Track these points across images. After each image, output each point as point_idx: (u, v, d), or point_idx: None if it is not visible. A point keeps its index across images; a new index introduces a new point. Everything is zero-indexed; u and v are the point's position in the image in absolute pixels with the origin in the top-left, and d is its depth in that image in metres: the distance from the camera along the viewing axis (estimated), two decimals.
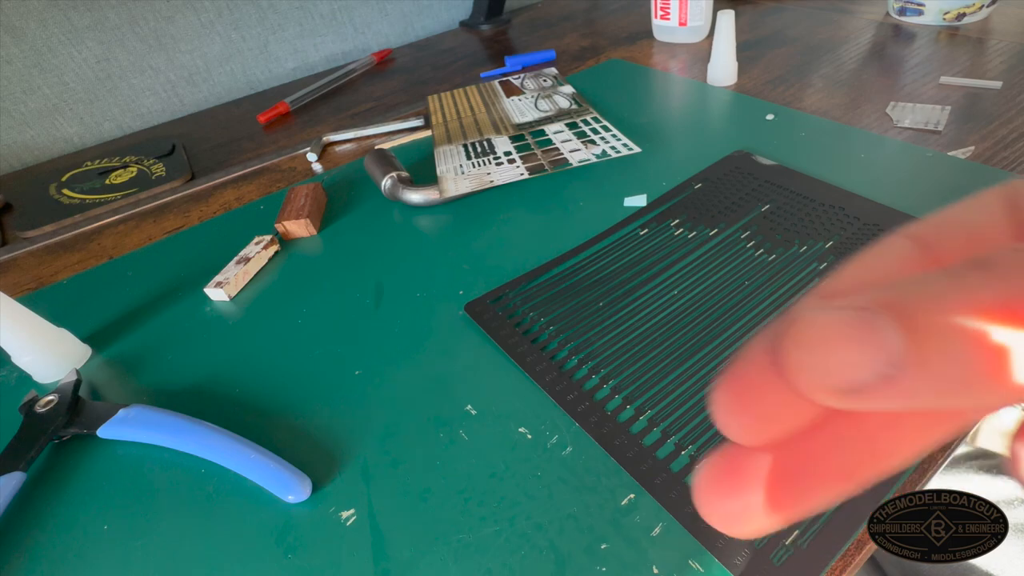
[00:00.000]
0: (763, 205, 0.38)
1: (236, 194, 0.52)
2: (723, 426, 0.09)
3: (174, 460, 0.28)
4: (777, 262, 0.34)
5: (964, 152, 0.41)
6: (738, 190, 0.40)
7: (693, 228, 0.37)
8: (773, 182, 0.40)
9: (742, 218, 0.37)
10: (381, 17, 0.83)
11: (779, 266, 0.33)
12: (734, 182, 0.41)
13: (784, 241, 0.35)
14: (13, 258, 0.49)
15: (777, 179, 0.40)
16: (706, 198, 0.40)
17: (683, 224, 0.38)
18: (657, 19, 0.68)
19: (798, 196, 0.38)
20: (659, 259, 0.35)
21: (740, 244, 0.35)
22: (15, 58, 0.62)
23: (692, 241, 0.36)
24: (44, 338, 0.34)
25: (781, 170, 0.41)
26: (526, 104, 0.57)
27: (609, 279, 0.34)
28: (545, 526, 0.23)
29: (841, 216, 0.36)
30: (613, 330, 0.31)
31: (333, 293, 0.38)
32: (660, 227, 0.38)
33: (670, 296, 0.32)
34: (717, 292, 0.32)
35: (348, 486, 0.26)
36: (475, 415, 0.28)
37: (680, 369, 0.28)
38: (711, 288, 0.33)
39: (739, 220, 0.37)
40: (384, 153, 0.48)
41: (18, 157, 0.66)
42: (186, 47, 0.70)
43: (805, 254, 0.34)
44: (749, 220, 0.37)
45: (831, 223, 0.36)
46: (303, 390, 0.31)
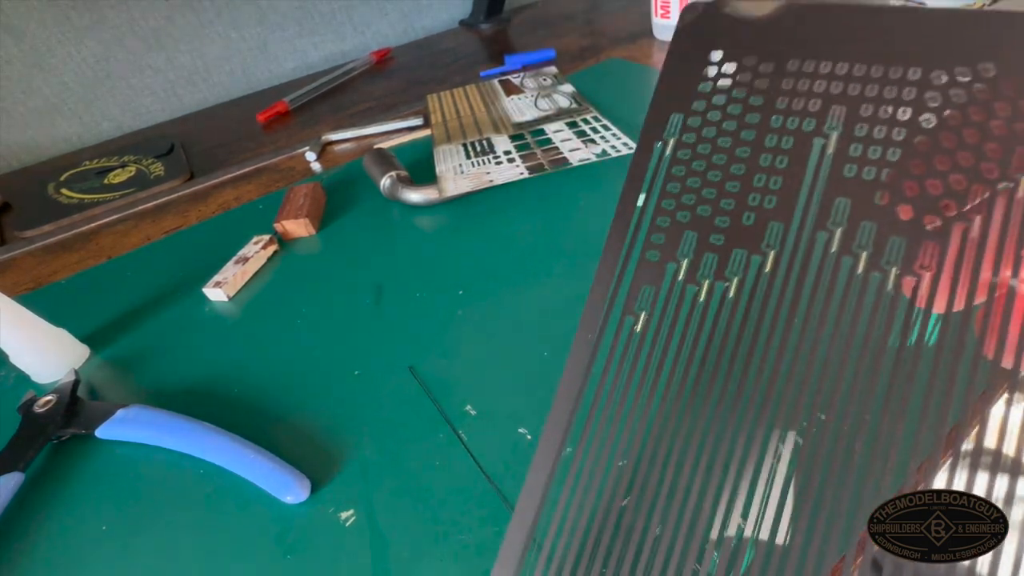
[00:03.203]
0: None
1: (235, 194, 0.52)
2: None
3: (173, 460, 0.28)
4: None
5: None
6: None
7: None
8: None
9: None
10: (380, 16, 0.82)
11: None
12: None
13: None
14: (11, 258, 0.49)
15: None
16: None
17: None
18: (657, 18, 0.68)
19: None
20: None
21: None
22: (14, 58, 0.61)
23: None
24: (42, 338, 0.34)
25: None
26: (526, 103, 0.57)
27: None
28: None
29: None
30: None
31: (332, 293, 0.38)
32: None
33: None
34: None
35: (347, 486, 0.26)
36: (475, 415, 0.28)
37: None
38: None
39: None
40: (383, 152, 0.48)
41: (17, 157, 0.66)
42: (185, 47, 0.70)
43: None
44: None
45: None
46: (302, 390, 0.31)
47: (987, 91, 0.13)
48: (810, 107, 0.15)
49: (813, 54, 0.15)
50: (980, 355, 0.12)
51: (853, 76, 0.15)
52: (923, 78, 0.14)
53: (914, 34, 0.14)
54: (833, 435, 0.13)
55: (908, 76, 0.14)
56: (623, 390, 0.15)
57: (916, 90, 0.14)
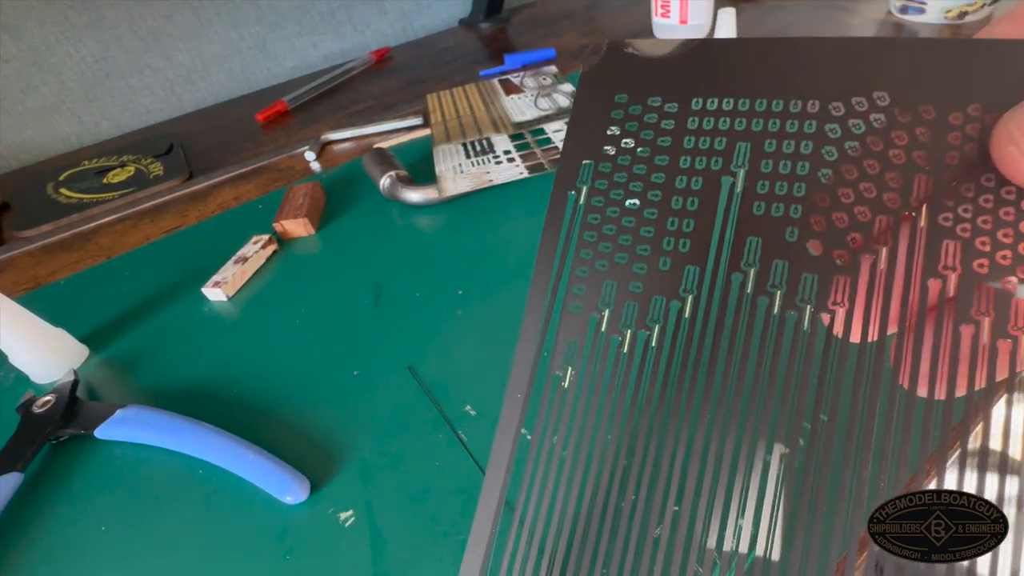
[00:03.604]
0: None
1: (234, 193, 0.52)
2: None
3: (172, 461, 0.28)
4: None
5: None
6: None
7: None
8: None
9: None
10: (380, 16, 0.82)
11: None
12: None
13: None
14: (10, 258, 0.49)
15: None
16: None
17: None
18: (657, 17, 0.68)
19: None
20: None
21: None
22: (13, 57, 0.61)
23: None
24: (41, 338, 0.33)
25: None
26: (526, 102, 0.57)
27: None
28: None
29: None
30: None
31: (331, 293, 0.38)
32: None
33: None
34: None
35: (347, 487, 0.26)
36: (474, 415, 0.28)
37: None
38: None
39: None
40: (383, 152, 0.48)
41: (16, 156, 0.66)
42: (184, 46, 0.70)
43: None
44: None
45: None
46: (301, 390, 0.31)
47: (884, 120, 0.14)
48: (716, 145, 0.15)
49: (715, 91, 0.15)
50: (896, 385, 0.12)
51: (755, 111, 0.15)
52: (822, 110, 0.14)
53: (811, 66, 0.14)
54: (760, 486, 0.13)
55: (808, 109, 0.14)
56: (555, 451, 0.15)
57: (816, 123, 0.14)
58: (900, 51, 0.14)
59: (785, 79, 0.14)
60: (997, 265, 0.12)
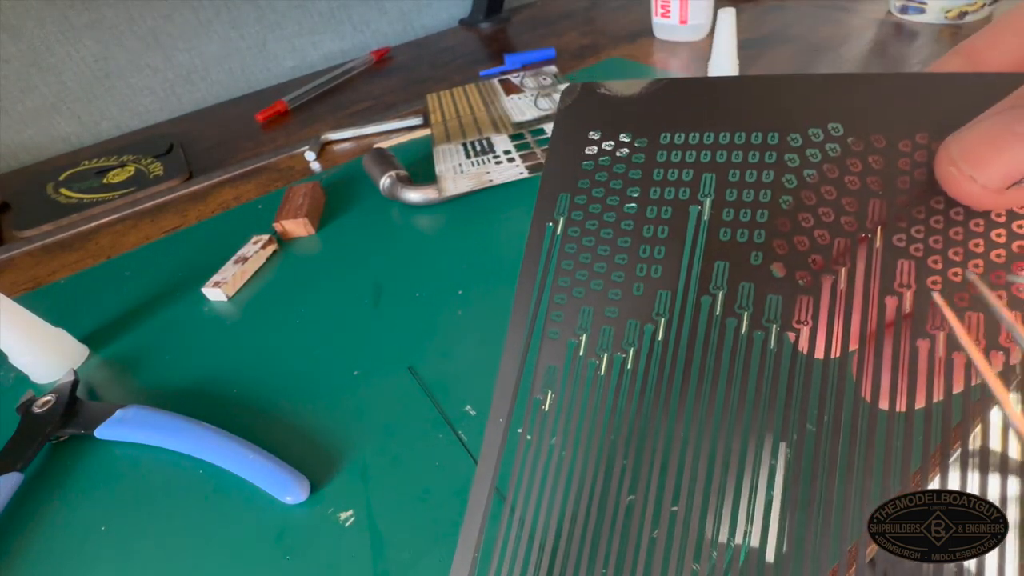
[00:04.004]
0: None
1: (234, 193, 0.52)
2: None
3: (172, 461, 0.28)
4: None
5: None
6: None
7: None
8: None
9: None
10: (380, 15, 0.82)
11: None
12: None
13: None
14: (10, 258, 0.49)
15: None
16: None
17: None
18: (657, 17, 0.68)
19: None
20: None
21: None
22: (13, 57, 0.61)
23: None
24: (41, 338, 0.33)
25: None
26: (526, 102, 0.57)
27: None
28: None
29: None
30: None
31: (331, 293, 0.38)
32: None
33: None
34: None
35: (347, 487, 0.26)
36: (474, 415, 0.28)
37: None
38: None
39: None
40: (383, 152, 0.48)
41: (15, 156, 0.66)
42: (184, 46, 0.70)
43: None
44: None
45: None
46: (301, 390, 0.31)
47: (839, 150, 0.15)
48: (684, 176, 0.16)
49: (682, 126, 0.16)
50: (860, 398, 0.13)
51: (719, 144, 0.16)
52: (781, 141, 0.15)
53: (771, 100, 0.15)
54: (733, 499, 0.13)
55: (768, 140, 0.15)
56: (536, 472, 0.16)
57: (776, 153, 0.15)
58: (853, 85, 0.15)
59: (746, 113, 0.16)
60: (949, 282, 0.13)
